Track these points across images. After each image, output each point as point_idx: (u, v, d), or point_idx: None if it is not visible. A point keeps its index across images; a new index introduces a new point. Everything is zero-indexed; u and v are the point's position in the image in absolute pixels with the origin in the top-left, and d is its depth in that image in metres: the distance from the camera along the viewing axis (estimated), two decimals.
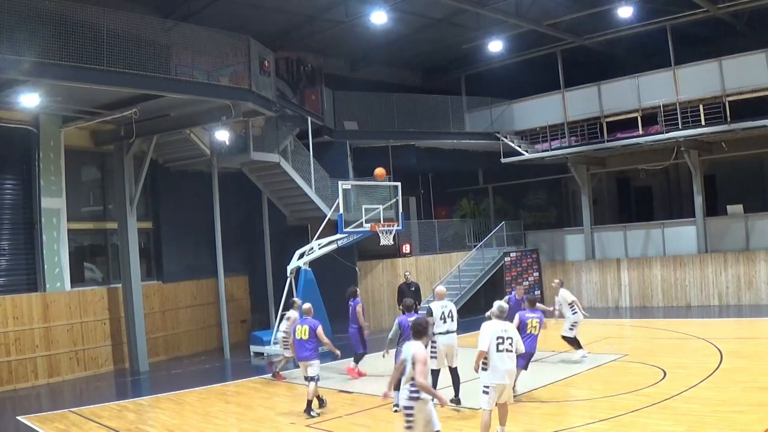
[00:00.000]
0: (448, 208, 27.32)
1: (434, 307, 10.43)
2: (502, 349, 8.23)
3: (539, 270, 24.50)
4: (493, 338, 8.26)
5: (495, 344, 8.24)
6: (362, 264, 21.30)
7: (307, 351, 11.14)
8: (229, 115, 15.46)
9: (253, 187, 20.29)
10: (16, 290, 15.44)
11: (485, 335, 8.32)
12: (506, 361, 8.23)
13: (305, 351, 11.15)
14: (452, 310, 10.28)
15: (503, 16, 20.01)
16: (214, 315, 19.38)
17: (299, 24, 20.48)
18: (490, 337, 8.28)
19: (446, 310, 10.36)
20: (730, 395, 9.95)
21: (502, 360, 8.22)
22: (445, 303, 10.47)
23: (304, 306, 11.96)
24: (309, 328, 11.22)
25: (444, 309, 10.37)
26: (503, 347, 8.24)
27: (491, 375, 8.23)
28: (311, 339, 11.17)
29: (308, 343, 11.15)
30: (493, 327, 8.39)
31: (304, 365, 11.22)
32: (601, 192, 26.28)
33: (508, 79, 24.11)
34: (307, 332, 11.18)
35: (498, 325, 8.41)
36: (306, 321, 11.39)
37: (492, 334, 8.30)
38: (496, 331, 8.32)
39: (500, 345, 8.24)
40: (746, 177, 22.26)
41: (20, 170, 16.09)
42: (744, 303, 20.00)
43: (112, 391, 15.01)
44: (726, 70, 19.06)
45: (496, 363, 8.21)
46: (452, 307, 10.32)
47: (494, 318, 8.54)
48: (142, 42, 13.71)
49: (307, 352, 11.14)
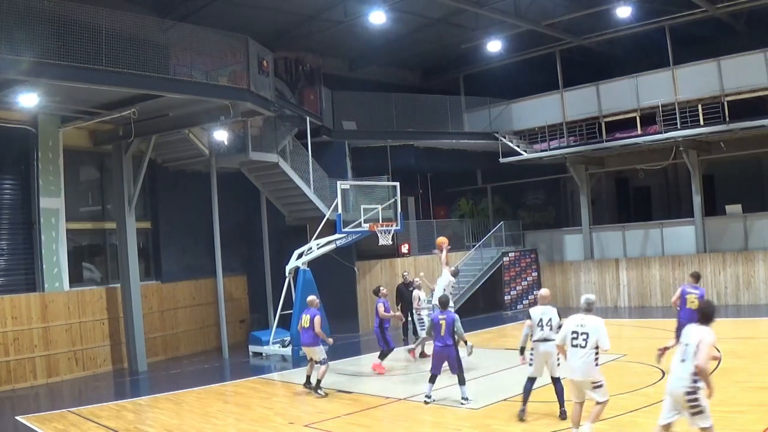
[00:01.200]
0: (446, 208, 27.34)
1: (534, 312, 9.84)
2: (575, 344, 8.11)
3: (538, 270, 24.54)
4: (568, 332, 8.19)
5: (570, 339, 8.17)
6: (361, 264, 21.30)
7: (310, 338, 12.20)
8: (227, 115, 15.45)
9: (251, 187, 20.28)
10: (14, 290, 15.44)
11: (563, 329, 8.34)
12: (575, 357, 8.08)
13: (308, 338, 12.23)
14: (552, 317, 9.55)
15: (502, 16, 20.02)
16: (212, 315, 19.38)
17: (298, 24, 20.47)
18: (565, 331, 8.26)
19: (545, 317, 9.65)
20: (728, 395, 9.93)
21: (573, 355, 8.12)
22: (545, 309, 9.73)
23: (309, 298, 12.91)
24: (310, 317, 12.29)
25: (543, 315, 9.68)
26: (576, 342, 8.11)
27: (563, 369, 8.23)
28: (311, 327, 12.20)
29: (309, 330, 12.21)
30: (571, 321, 8.28)
31: (308, 351, 12.33)
32: (599, 192, 26.29)
33: (507, 79, 24.11)
34: (308, 321, 12.26)
35: (576, 320, 8.23)
36: (308, 311, 12.45)
37: (568, 328, 8.23)
38: (572, 326, 8.21)
39: (573, 340, 8.13)
40: (745, 177, 22.28)
41: (19, 170, 16.08)
42: (743, 303, 20.02)
43: (110, 391, 15.01)
44: (725, 70, 19.07)
45: (568, 358, 8.19)
46: (552, 314, 9.59)
47: (582, 311, 8.34)
48: (141, 42, 13.70)
49: (310, 339, 12.21)
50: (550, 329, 9.49)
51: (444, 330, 10.67)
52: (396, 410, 11.01)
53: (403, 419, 10.43)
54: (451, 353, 10.75)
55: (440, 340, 10.73)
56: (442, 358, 10.82)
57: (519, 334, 10.13)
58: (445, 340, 10.70)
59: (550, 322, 9.57)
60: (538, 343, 9.67)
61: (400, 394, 11.94)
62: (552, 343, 9.30)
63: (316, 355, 12.15)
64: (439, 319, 10.80)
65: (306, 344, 12.30)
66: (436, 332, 10.78)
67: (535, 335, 9.69)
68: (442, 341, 10.72)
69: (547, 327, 9.56)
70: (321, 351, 12.21)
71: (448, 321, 10.74)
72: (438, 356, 10.83)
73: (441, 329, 10.68)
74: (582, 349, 8.05)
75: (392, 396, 11.80)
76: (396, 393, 12.01)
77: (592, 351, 8.05)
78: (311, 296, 13.01)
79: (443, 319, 10.75)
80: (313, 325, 12.14)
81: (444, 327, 10.67)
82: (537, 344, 9.68)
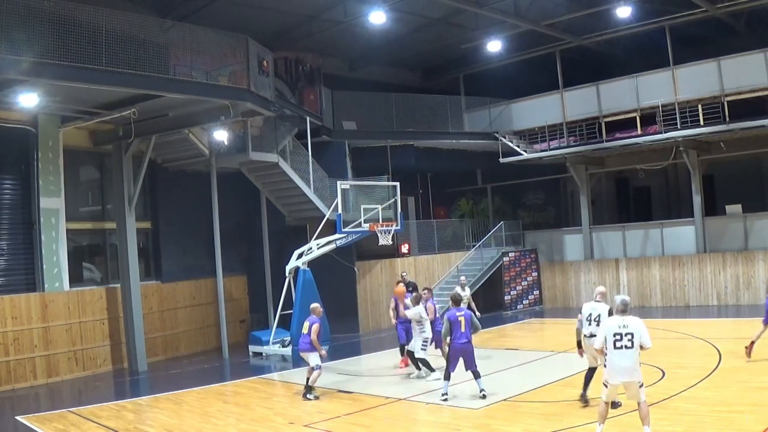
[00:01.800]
0: (446, 208, 27.32)
1: (585, 307, 10.11)
2: (620, 346, 7.98)
3: (538, 270, 24.54)
4: (610, 334, 8.05)
5: (612, 341, 8.03)
6: (361, 264, 21.29)
7: (307, 345, 12.33)
8: (227, 115, 15.46)
9: (251, 187, 20.28)
10: (14, 290, 15.44)
11: (601, 332, 8.21)
12: (623, 358, 7.96)
13: (305, 344, 12.37)
14: (601, 314, 9.71)
15: (502, 16, 20.01)
16: (212, 315, 19.38)
17: (298, 24, 20.47)
18: (605, 333, 8.11)
19: (594, 313, 9.87)
20: (728, 395, 9.95)
21: (620, 357, 7.98)
22: (596, 305, 9.93)
23: (312, 305, 13.06)
24: (309, 324, 12.41)
25: (593, 311, 9.92)
26: (621, 344, 7.98)
27: (608, 372, 8.06)
28: (309, 334, 12.32)
29: (308, 337, 12.32)
30: (609, 323, 8.17)
31: (305, 356, 12.43)
32: (599, 192, 26.29)
33: (507, 79, 24.11)
34: (307, 328, 12.40)
35: (615, 321, 8.14)
36: (309, 318, 12.56)
37: (608, 330, 8.10)
38: (613, 327, 8.07)
39: (618, 342, 8.00)
40: (745, 177, 22.27)
41: (19, 170, 16.08)
42: (743, 303, 20.01)
43: (110, 391, 15.01)
44: (725, 70, 19.06)
45: (612, 360, 8.03)
46: (603, 311, 9.74)
47: (616, 313, 8.26)
48: (141, 42, 13.71)
49: (306, 345, 12.34)
50: (597, 325, 9.55)
51: (464, 326, 10.93)
52: (396, 410, 11.01)
53: (403, 419, 10.43)
54: (469, 349, 10.98)
55: (460, 336, 10.91)
56: (460, 355, 10.98)
57: (519, 335, 10.19)
58: (465, 336, 10.93)
59: (598, 318, 9.71)
60: (585, 338, 9.93)
61: (400, 394, 11.94)
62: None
63: (312, 360, 12.27)
64: (457, 316, 11.02)
65: (303, 350, 12.47)
66: (455, 329, 10.92)
67: (584, 329, 9.97)
68: (462, 337, 10.92)
69: (594, 323, 9.73)
70: (316, 357, 12.27)
71: (466, 317, 11.04)
72: (456, 353, 10.99)
73: (461, 326, 10.92)
74: (629, 350, 7.98)
75: (392, 396, 11.79)
76: (396, 393, 12.01)
77: (638, 351, 8.03)
78: (314, 304, 13.08)
79: (461, 316, 11.01)
80: (311, 332, 12.30)
81: (463, 323, 10.95)
82: (585, 339, 9.95)
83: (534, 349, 15.58)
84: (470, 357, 11.00)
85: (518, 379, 12.34)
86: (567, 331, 19.30)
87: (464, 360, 11.00)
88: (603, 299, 10.08)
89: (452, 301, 11.55)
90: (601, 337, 8.17)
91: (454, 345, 10.98)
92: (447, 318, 11.16)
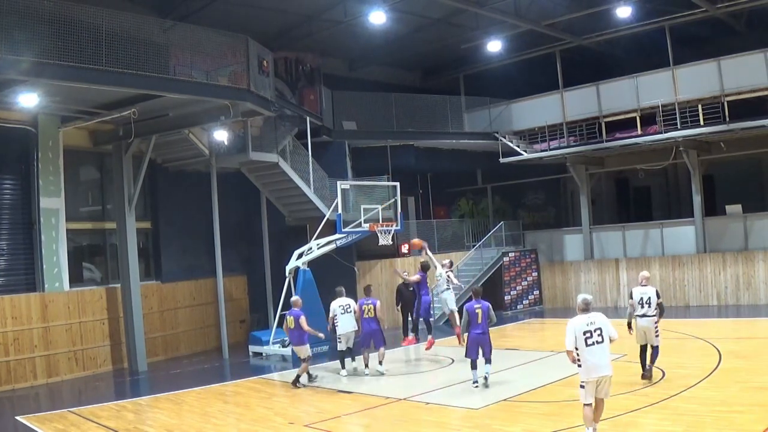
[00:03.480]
0: (446, 208, 27.33)
1: (635, 291, 11.36)
2: (591, 343, 8.01)
3: (538, 270, 24.54)
4: (579, 333, 8.06)
5: (583, 339, 8.04)
6: (361, 264, 21.30)
7: (296, 338, 12.94)
8: (227, 115, 15.46)
9: (251, 187, 20.28)
10: (14, 290, 15.44)
11: (568, 333, 8.16)
12: (597, 354, 8.00)
13: (294, 338, 12.97)
14: (651, 296, 11.11)
15: (502, 16, 20.01)
16: (212, 315, 19.38)
17: (298, 24, 20.47)
18: (573, 333, 8.09)
19: (645, 297, 11.19)
20: (728, 395, 9.95)
21: (593, 354, 8.00)
22: (645, 289, 11.26)
23: (292, 299, 13.62)
24: (293, 318, 12.94)
25: (643, 295, 11.22)
26: (592, 340, 8.01)
27: (584, 371, 8.05)
28: (297, 327, 12.89)
29: (295, 331, 12.92)
30: (576, 323, 8.16)
31: (296, 350, 13.06)
32: (599, 192, 26.29)
33: (507, 79, 24.11)
34: (293, 322, 12.93)
35: (581, 320, 8.15)
36: (292, 312, 13.06)
37: (576, 330, 8.09)
38: (581, 326, 8.09)
39: (588, 339, 8.03)
40: (745, 177, 22.28)
41: (19, 170, 16.08)
42: (743, 303, 20.01)
43: (110, 391, 15.01)
44: (725, 70, 19.07)
45: (586, 358, 8.01)
46: (651, 293, 11.15)
47: (579, 312, 8.26)
48: (141, 42, 13.70)
49: (295, 338, 12.96)
50: (649, 306, 11.08)
51: (481, 317, 11.72)
52: (396, 410, 11.01)
53: (403, 419, 10.42)
54: (486, 339, 11.76)
55: (477, 327, 11.69)
56: (479, 344, 11.70)
57: (518, 335, 10.21)
58: (482, 327, 11.71)
59: (649, 301, 11.11)
60: (638, 318, 11.15)
61: (400, 394, 11.93)
62: (650, 319, 11.06)
63: (302, 353, 12.95)
64: (475, 308, 11.79)
65: (293, 344, 13.07)
66: (473, 321, 11.70)
67: (636, 311, 11.17)
68: (479, 328, 11.69)
69: (646, 305, 11.11)
70: (307, 349, 13.03)
71: (484, 309, 11.84)
72: (475, 342, 11.69)
73: (478, 317, 11.71)
74: (601, 345, 8.03)
75: (392, 396, 11.79)
76: (396, 393, 12.00)
77: (608, 344, 8.11)
78: (295, 297, 13.50)
79: (479, 308, 11.80)
80: (299, 324, 12.85)
81: (481, 315, 11.74)
82: (638, 319, 11.14)
83: (534, 349, 15.57)
84: (487, 347, 11.77)
85: (518, 379, 12.34)
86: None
87: (481, 349, 11.74)
88: (648, 282, 11.45)
89: (473, 293, 12.34)
90: (571, 339, 8.10)
91: (471, 335, 11.71)
92: (465, 309, 11.87)
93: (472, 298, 12.22)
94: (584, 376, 8.08)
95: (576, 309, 8.37)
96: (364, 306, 13.83)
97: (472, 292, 12.50)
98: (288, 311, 13.35)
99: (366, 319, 13.75)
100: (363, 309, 13.80)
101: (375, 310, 13.74)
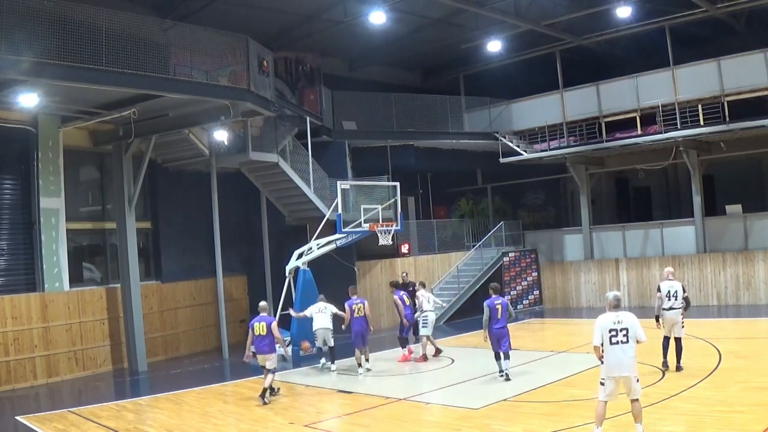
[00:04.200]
0: (446, 208, 27.33)
1: (663, 285, 11.89)
2: (615, 341, 8.01)
3: (538, 270, 24.54)
4: (605, 331, 8.05)
5: (608, 337, 8.03)
6: (361, 264, 21.30)
7: (266, 346, 12.06)
8: (227, 115, 15.46)
9: (251, 187, 20.29)
10: (14, 290, 15.44)
11: (596, 329, 8.15)
12: (619, 353, 7.99)
13: (264, 346, 12.06)
14: (678, 290, 11.71)
15: (502, 16, 20.02)
16: (212, 315, 19.39)
17: (298, 24, 20.47)
18: (601, 330, 8.08)
19: (672, 290, 11.73)
20: (728, 395, 9.95)
21: (614, 353, 8.00)
22: (672, 283, 11.83)
23: (261, 304, 12.70)
24: (266, 324, 12.08)
25: (670, 288, 11.75)
26: (617, 339, 8.01)
27: (605, 368, 8.07)
28: (269, 335, 12.04)
29: (266, 338, 12.04)
30: (603, 320, 8.14)
31: (262, 359, 12.07)
32: (599, 192, 26.29)
33: (507, 79, 24.11)
34: (265, 328, 12.05)
35: (609, 318, 8.13)
36: (263, 318, 12.18)
37: (603, 326, 8.08)
38: (608, 324, 8.08)
39: (613, 338, 8.02)
40: (745, 177, 22.28)
41: (19, 170, 16.08)
42: (743, 303, 20.01)
43: (110, 391, 15.01)
44: (725, 70, 19.06)
45: (610, 355, 8.02)
46: (678, 287, 11.76)
47: (609, 309, 8.26)
48: (141, 42, 13.70)
49: (265, 347, 12.06)
50: (676, 299, 11.66)
51: (501, 312, 12.25)
52: (396, 410, 11.01)
53: (403, 419, 10.42)
54: (505, 333, 12.25)
55: (498, 322, 12.22)
56: (498, 337, 12.20)
57: (518, 335, 10.20)
58: (501, 322, 12.24)
59: (676, 294, 11.68)
60: (665, 311, 11.71)
61: (400, 394, 11.93)
62: (677, 311, 11.61)
63: (270, 362, 12.03)
64: (495, 304, 12.28)
65: (261, 352, 12.09)
66: (493, 316, 12.21)
67: (664, 304, 11.71)
68: (500, 323, 12.23)
69: (673, 298, 11.67)
70: (275, 359, 12.23)
71: (503, 304, 12.40)
72: (496, 337, 12.19)
73: (498, 312, 12.23)
74: (625, 345, 8.02)
75: (392, 396, 11.79)
76: (396, 393, 12.00)
77: (635, 345, 8.08)
78: (262, 303, 12.77)
79: (499, 304, 12.32)
80: (271, 331, 12.03)
81: (501, 310, 12.27)
82: (664, 312, 11.71)
83: (534, 349, 15.56)
84: (505, 340, 12.24)
85: (518, 379, 12.33)
86: (567, 331, 19.37)
87: (500, 343, 12.21)
88: (674, 277, 12.14)
89: (492, 290, 12.76)
90: (598, 335, 8.13)
91: (492, 330, 12.20)
92: (486, 305, 12.34)
93: (491, 294, 12.61)
94: (604, 372, 8.10)
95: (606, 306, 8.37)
96: (354, 306, 14.07)
97: (491, 289, 12.86)
98: (257, 318, 12.26)
99: (357, 318, 13.99)
100: (354, 309, 14.04)
101: (365, 309, 14.15)
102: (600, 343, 8.12)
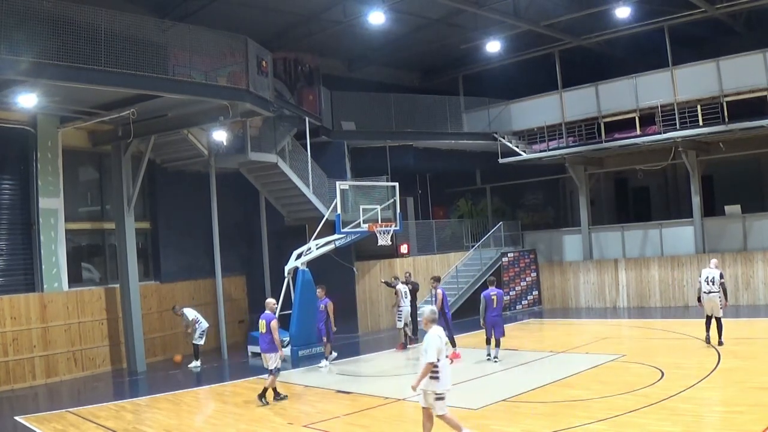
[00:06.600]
0: (445, 208, 27.34)
1: (704, 272, 14.12)
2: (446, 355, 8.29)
3: (537, 270, 24.55)
4: (442, 345, 8.04)
5: (443, 352, 8.08)
6: (360, 264, 21.28)
7: (266, 344, 11.89)
8: (226, 116, 15.44)
9: (250, 188, 20.28)
10: (13, 290, 15.43)
11: (432, 348, 8.02)
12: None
13: (264, 344, 11.93)
14: (715, 276, 13.86)
15: (501, 16, 20.02)
16: (211, 315, 19.30)
17: (297, 24, 20.48)
18: (437, 347, 7.99)
19: (710, 276, 13.92)
20: (728, 395, 9.96)
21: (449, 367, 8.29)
22: (711, 271, 13.97)
23: (267, 301, 12.58)
24: (266, 322, 11.92)
25: (708, 275, 13.95)
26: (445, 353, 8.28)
27: (442, 384, 8.12)
28: (268, 332, 11.86)
29: (266, 336, 11.89)
30: (434, 337, 8.09)
31: (264, 357, 11.97)
32: (598, 192, 26.30)
33: (506, 79, 24.13)
34: (265, 326, 11.91)
35: (438, 332, 8.16)
36: (265, 315, 12.06)
37: (440, 344, 8.02)
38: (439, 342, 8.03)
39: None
40: (744, 177, 22.29)
41: (18, 170, 16.07)
42: (742, 303, 20.01)
43: (109, 392, 14.99)
44: (723, 70, 19.08)
45: (446, 370, 8.14)
46: (716, 274, 13.89)
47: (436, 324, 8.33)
48: (140, 42, 13.67)
49: (266, 345, 11.90)
50: (713, 284, 13.87)
51: (496, 302, 14.02)
52: (396, 410, 11.01)
53: (403, 419, 10.42)
54: (499, 321, 14.05)
55: (493, 311, 13.97)
56: (493, 324, 13.96)
57: (518, 335, 10.20)
58: (497, 311, 14.04)
59: (713, 280, 13.89)
60: (705, 294, 13.97)
61: (399, 394, 11.92)
62: (714, 294, 13.83)
63: (271, 362, 11.80)
64: (491, 294, 14.03)
65: (263, 351, 11.88)
66: (489, 305, 13.93)
67: (703, 288, 13.97)
68: (495, 312, 13.99)
69: (711, 283, 13.88)
70: (276, 359, 11.86)
71: (499, 296, 14.21)
72: (490, 324, 13.98)
73: (494, 302, 14.00)
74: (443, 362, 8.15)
75: (392, 396, 11.79)
76: (396, 393, 11.99)
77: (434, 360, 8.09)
78: (269, 299, 12.61)
79: (495, 295, 14.09)
80: (271, 329, 11.77)
81: (496, 300, 14.03)
82: (704, 295, 13.98)
83: (533, 349, 15.58)
84: (499, 328, 13.98)
85: (518, 379, 12.34)
86: (566, 331, 19.38)
87: (494, 330, 13.94)
88: (716, 267, 14.31)
89: (489, 282, 14.65)
90: (433, 352, 7.97)
91: (488, 318, 13.92)
92: (483, 296, 14.08)
93: (488, 286, 14.31)
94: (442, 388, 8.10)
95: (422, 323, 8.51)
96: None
97: (488, 282, 14.75)
98: (261, 314, 12.16)
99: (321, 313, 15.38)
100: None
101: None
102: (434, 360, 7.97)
